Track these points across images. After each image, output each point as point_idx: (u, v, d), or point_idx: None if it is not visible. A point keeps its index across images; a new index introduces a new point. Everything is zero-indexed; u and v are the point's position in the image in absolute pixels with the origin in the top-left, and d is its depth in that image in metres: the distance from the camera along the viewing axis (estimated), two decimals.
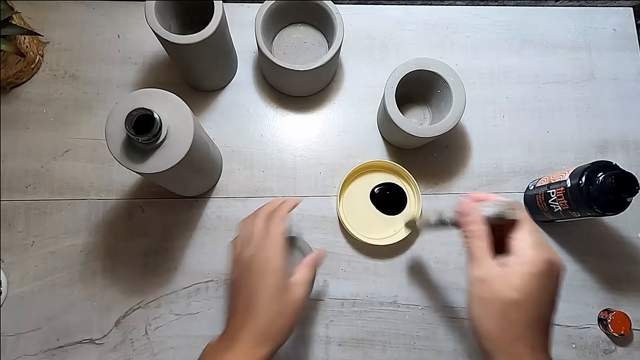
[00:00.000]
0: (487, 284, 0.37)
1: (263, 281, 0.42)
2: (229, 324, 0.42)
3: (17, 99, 0.63)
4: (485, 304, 0.37)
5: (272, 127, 0.64)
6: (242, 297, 0.42)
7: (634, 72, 0.69)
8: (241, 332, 0.40)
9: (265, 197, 0.61)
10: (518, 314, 0.36)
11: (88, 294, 0.58)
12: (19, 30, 0.57)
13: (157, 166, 0.43)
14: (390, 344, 0.58)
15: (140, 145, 0.43)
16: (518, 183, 0.64)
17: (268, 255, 0.43)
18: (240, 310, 0.42)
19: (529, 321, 0.36)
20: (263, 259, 0.43)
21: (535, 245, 0.37)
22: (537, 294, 0.36)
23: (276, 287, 0.41)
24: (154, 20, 0.51)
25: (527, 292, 0.36)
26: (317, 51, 0.64)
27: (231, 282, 0.45)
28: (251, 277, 0.42)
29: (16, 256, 0.58)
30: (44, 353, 0.56)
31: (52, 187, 0.60)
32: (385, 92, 0.57)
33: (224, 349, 0.40)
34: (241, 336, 0.40)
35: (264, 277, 0.42)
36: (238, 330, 0.41)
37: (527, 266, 0.36)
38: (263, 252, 0.43)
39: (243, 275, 0.43)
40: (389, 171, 0.62)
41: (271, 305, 0.41)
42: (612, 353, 0.59)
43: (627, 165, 0.63)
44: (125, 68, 0.65)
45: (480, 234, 0.39)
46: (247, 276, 0.42)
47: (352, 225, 0.60)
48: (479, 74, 0.67)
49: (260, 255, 0.43)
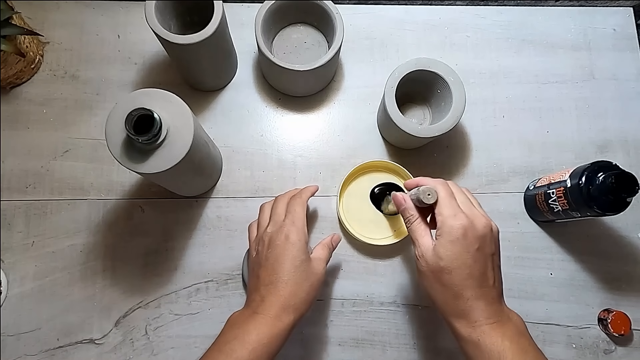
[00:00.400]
0: (423, 258, 0.43)
1: (285, 255, 0.45)
2: (252, 297, 0.46)
3: (17, 99, 0.63)
4: (425, 276, 0.43)
5: (272, 127, 0.64)
6: (265, 271, 0.46)
7: (634, 72, 0.69)
8: (265, 301, 0.44)
9: (265, 197, 0.61)
10: (448, 277, 0.41)
11: (88, 294, 0.58)
12: (19, 30, 0.57)
13: (157, 166, 0.43)
14: (390, 344, 0.58)
15: (140, 145, 0.42)
16: (518, 183, 0.64)
17: (290, 232, 0.47)
18: (264, 282, 0.45)
19: (460, 281, 0.41)
20: (285, 236, 0.46)
21: (450, 215, 0.42)
22: (459, 256, 0.41)
23: (298, 260, 0.46)
24: (154, 20, 0.51)
25: (450, 257, 0.41)
26: (317, 51, 0.64)
27: (253, 260, 0.49)
28: (274, 252, 0.46)
29: (16, 256, 0.58)
30: (44, 353, 0.56)
31: (52, 187, 0.60)
32: (385, 92, 0.57)
33: (248, 317, 0.44)
34: (265, 305, 0.44)
35: (286, 251, 0.46)
36: (262, 301, 0.44)
37: (445, 236, 0.42)
38: (285, 230, 0.47)
39: (266, 251, 0.47)
40: (389, 171, 0.62)
41: (294, 276, 0.45)
42: (612, 353, 0.59)
43: (627, 165, 0.63)
44: (125, 68, 0.65)
45: (414, 219, 0.45)
46: (270, 252, 0.46)
47: (352, 225, 0.60)
48: (479, 74, 0.67)
49: (282, 232, 0.47)
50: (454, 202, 0.43)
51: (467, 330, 0.41)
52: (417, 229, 0.45)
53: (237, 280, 0.59)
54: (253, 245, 0.50)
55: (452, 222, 0.42)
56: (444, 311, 0.43)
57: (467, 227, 0.41)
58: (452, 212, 0.42)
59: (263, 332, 0.42)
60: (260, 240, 0.49)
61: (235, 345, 0.42)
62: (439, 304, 0.43)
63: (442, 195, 0.44)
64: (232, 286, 0.59)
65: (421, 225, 0.45)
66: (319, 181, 0.62)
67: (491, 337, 0.40)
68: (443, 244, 0.41)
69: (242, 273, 0.58)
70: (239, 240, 0.60)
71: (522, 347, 0.40)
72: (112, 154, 0.43)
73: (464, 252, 0.41)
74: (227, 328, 0.45)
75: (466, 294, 0.41)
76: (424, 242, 0.43)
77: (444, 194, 0.44)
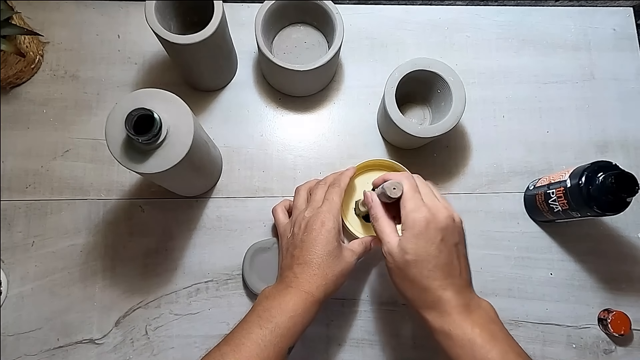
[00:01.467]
0: (390, 255, 0.44)
1: (320, 239, 0.47)
2: (285, 274, 0.48)
3: (17, 99, 0.63)
4: (394, 272, 0.44)
5: (272, 127, 0.64)
6: (300, 251, 0.48)
7: (634, 72, 0.69)
8: (299, 278, 0.46)
9: (265, 197, 0.61)
10: (415, 271, 0.42)
11: (88, 294, 0.58)
12: (19, 30, 0.57)
13: (157, 166, 0.43)
14: (390, 344, 0.58)
15: (140, 145, 0.42)
16: (518, 183, 0.64)
17: (326, 219, 0.48)
18: (298, 261, 0.47)
19: (427, 272, 0.42)
20: (321, 222, 0.48)
21: (413, 209, 0.43)
22: (423, 248, 0.42)
23: (332, 245, 0.48)
24: (154, 20, 0.51)
25: (415, 250, 0.42)
26: (317, 51, 0.64)
27: (288, 240, 0.51)
28: (310, 236, 0.48)
29: (16, 256, 0.58)
30: (44, 353, 0.56)
31: (52, 187, 0.60)
32: (385, 92, 0.57)
33: (283, 290, 0.46)
34: (300, 281, 0.46)
35: (321, 236, 0.47)
36: (295, 277, 0.46)
37: (409, 230, 0.42)
38: (321, 217, 0.48)
39: (302, 233, 0.49)
40: (389, 169, 0.62)
41: (327, 259, 0.47)
42: (612, 353, 0.59)
43: (627, 165, 0.63)
44: (125, 68, 0.65)
45: (379, 216, 0.46)
46: (306, 235, 0.48)
47: (352, 224, 0.60)
48: (479, 74, 0.67)
49: (319, 218, 0.48)
50: (417, 195, 0.44)
51: (438, 321, 0.42)
52: (383, 227, 0.46)
53: (237, 280, 0.59)
54: (288, 227, 0.52)
55: (414, 215, 0.42)
56: (415, 305, 0.44)
57: (429, 219, 0.42)
58: (414, 206, 0.43)
59: (298, 304, 0.44)
60: (296, 221, 0.51)
61: (274, 312, 0.44)
62: (409, 298, 0.44)
63: (406, 189, 0.44)
64: (232, 286, 0.59)
65: (387, 222, 0.46)
66: None
67: (461, 325, 0.41)
68: (407, 238, 0.42)
69: (243, 273, 0.58)
70: (238, 240, 0.60)
71: (492, 333, 0.41)
72: (112, 154, 0.43)
73: (428, 244, 0.42)
74: (261, 299, 0.46)
75: (434, 285, 0.42)
76: (390, 239, 0.44)
77: (407, 187, 0.45)
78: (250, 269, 0.57)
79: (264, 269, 0.57)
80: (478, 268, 0.61)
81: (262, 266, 0.57)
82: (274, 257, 0.57)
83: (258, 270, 0.57)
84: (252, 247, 0.58)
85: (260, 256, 0.57)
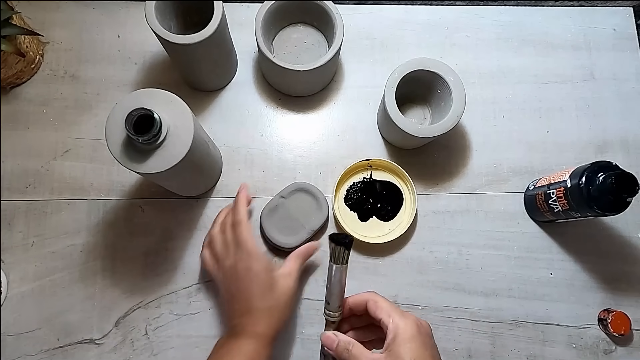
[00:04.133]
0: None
1: (251, 286, 0.48)
2: (231, 325, 0.49)
3: (17, 99, 0.63)
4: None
5: (272, 127, 0.64)
6: (239, 303, 0.49)
7: (634, 72, 0.69)
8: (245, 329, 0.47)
9: (265, 197, 0.61)
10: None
11: (88, 294, 0.58)
12: (19, 30, 0.57)
13: (157, 166, 0.43)
14: None
15: (140, 145, 0.42)
16: (518, 183, 0.64)
17: (249, 264, 0.49)
18: (240, 313, 0.48)
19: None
20: (244, 267, 0.49)
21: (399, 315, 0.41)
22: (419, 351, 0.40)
23: (265, 284, 0.48)
24: (154, 20, 0.51)
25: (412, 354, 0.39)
26: (317, 51, 0.64)
27: (222, 290, 0.52)
28: (240, 285, 0.49)
29: (16, 256, 0.58)
30: (44, 353, 0.56)
31: (52, 187, 0.60)
32: (385, 92, 0.57)
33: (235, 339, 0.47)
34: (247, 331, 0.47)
35: (252, 283, 0.48)
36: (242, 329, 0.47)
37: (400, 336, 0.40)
38: (242, 261, 0.49)
39: (232, 283, 0.50)
40: (385, 169, 0.62)
41: (266, 302, 0.48)
42: (612, 353, 0.59)
43: (627, 165, 0.63)
44: (125, 68, 0.65)
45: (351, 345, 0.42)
46: (236, 284, 0.49)
47: (348, 223, 0.60)
48: (479, 74, 0.67)
49: (240, 263, 0.49)
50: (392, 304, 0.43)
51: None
52: (361, 352, 0.42)
53: None
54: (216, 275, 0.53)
55: (404, 321, 0.41)
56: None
57: (417, 322, 0.41)
58: (398, 313, 0.42)
59: (252, 349, 0.46)
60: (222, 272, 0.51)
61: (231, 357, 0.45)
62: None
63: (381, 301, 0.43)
64: None
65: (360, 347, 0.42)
66: (319, 181, 0.62)
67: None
68: (400, 344, 0.40)
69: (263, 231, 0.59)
70: None
71: None
72: (112, 154, 0.43)
73: (422, 346, 0.40)
74: (216, 349, 0.48)
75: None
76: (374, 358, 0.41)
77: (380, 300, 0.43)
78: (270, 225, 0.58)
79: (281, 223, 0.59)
80: (478, 268, 0.61)
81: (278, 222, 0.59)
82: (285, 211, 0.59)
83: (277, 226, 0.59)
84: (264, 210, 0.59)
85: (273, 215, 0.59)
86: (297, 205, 0.59)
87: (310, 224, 0.59)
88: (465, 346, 0.58)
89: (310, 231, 0.58)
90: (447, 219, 0.62)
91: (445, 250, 0.61)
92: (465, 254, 0.61)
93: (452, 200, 0.63)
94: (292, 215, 0.59)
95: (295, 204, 0.59)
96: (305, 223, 0.59)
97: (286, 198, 0.59)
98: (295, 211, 0.59)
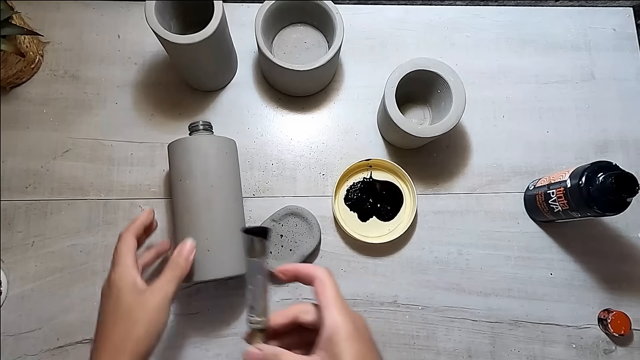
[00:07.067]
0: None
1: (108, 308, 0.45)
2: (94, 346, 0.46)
3: (17, 99, 0.63)
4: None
5: (272, 127, 0.64)
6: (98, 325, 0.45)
7: (634, 72, 0.69)
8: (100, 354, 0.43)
9: (265, 197, 0.61)
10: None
11: (88, 294, 0.58)
12: (19, 30, 0.57)
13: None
14: (390, 344, 0.58)
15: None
16: (518, 183, 0.64)
17: (115, 283, 0.45)
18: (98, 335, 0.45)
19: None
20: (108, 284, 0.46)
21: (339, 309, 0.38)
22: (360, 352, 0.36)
23: (122, 309, 0.44)
24: (154, 20, 0.51)
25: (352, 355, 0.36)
26: (317, 51, 0.64)
27: None
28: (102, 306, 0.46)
29: (16, 256, 0.58)
30: (44, 353, 0.56)
31: (52, 187, 0.60)
32: (385, 92, 0.57)
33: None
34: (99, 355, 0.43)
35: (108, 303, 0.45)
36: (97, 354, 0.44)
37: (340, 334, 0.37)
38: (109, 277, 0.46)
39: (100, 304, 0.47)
40: (385, 169, 0.62)
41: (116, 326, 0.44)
42: (612, 353, 0.59)
43: (627, 165, 0.63)
44: (125, 68, 0.65)
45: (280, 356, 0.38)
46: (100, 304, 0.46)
47: (348, 223, 0.60)
48: (479, 74, 0.67)
49: (108, 281, 0.46)
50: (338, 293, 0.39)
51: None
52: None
53: (238, 280, 0.59)
54: None
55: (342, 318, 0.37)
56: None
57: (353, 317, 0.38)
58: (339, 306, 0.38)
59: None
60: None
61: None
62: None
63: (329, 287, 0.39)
64: (232, 286, 0.59)
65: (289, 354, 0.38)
66: (319, 181, 0.62)
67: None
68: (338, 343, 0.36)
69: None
70: None
71: None
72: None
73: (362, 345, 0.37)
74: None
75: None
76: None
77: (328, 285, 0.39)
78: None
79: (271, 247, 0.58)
80: (478, 268, 0.61)
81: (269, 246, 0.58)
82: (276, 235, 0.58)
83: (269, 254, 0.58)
84: None
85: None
86: (289, 230, 0.59)
87: (301, 250, 0.58)
88: (465, 346, 0.58)
89: (300, 256, 0.58)
90: (447, 219, 0.62)
91: (445, 250, 0.61)
92: (465, 254, 0.61)
93: (452, 200, 0.63)
94: (283, 239, 0.58)
95: (287, 229, 0.59)
96: (295, 248, 0.58)
97: (277, 222, 0.59)
98: (287, 235, 0.59)
